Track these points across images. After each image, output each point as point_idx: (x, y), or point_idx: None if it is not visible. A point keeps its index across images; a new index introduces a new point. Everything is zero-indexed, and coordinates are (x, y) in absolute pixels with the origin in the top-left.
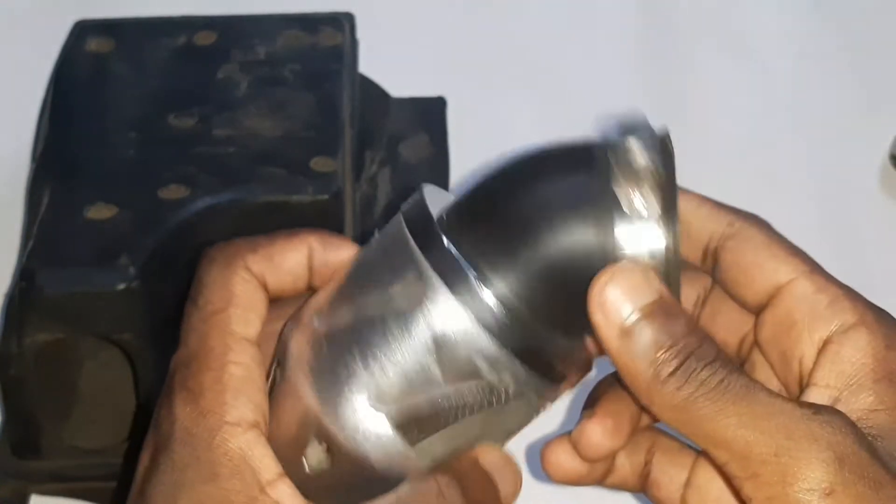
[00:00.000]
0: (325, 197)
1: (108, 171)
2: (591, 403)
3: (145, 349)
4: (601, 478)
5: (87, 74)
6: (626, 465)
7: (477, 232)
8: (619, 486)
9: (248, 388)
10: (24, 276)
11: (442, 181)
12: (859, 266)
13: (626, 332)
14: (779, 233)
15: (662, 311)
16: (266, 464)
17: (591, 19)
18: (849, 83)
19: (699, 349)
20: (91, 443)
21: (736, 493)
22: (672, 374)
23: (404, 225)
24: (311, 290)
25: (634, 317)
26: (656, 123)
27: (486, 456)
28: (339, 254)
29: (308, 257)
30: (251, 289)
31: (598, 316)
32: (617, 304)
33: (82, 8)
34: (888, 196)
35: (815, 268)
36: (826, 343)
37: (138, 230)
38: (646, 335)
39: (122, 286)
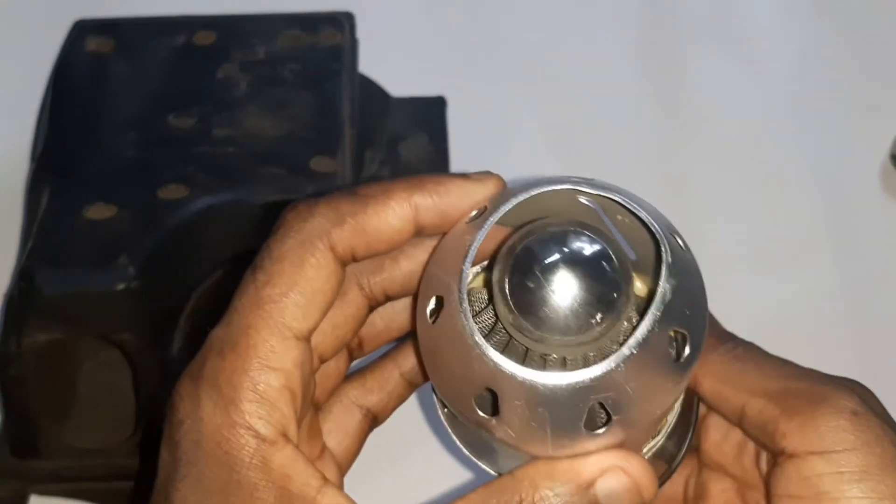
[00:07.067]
0: None
1: (108, 171)
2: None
3: (145, 349)
4: None
5: (87, 74)
6: None
7: None
8: None
9: (284, 399)
10: (24, 276)
11: None
12: (859, 266)
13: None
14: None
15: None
16: (310, 473)
17: (592, 19)
18: (849, 83)
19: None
20: (90, 443)
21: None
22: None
23: None
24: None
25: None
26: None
27: (607, 481)
28: (451, 200)
29: (413, 217)
30: (324, 276)
31: None
32: None
33: (82, 8)
34: (888, 196)
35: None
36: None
37: (138, 230)
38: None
39: (121, 286)
